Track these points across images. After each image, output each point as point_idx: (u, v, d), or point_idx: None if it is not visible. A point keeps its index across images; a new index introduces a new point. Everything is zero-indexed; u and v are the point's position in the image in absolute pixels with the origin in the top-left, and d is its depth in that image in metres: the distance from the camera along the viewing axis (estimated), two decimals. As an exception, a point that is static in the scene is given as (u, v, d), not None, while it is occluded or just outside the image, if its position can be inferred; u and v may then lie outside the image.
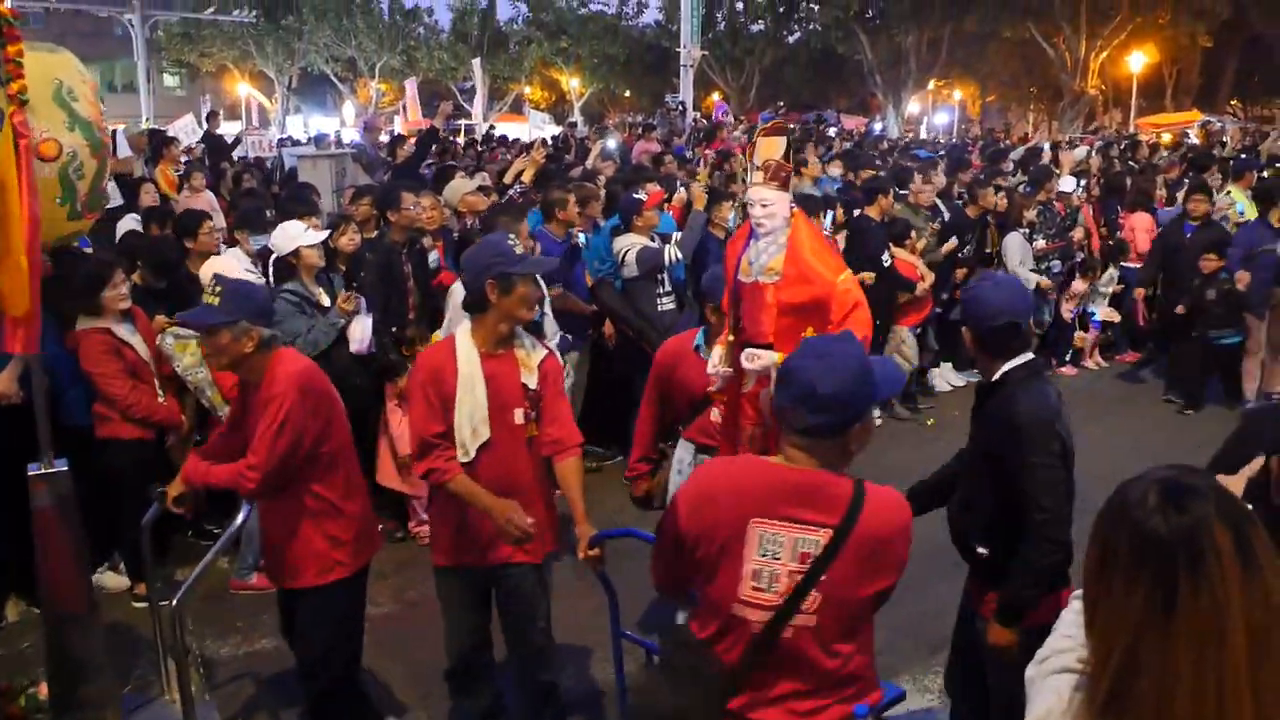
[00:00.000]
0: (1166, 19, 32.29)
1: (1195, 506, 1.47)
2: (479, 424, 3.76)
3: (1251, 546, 1.45)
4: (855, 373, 2.43)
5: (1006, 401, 3.39)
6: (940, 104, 43.25)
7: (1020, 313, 3.44)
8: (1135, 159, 15.43)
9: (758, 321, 4.27)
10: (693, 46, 22.47)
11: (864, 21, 34.23)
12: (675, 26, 26.43)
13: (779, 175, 4.26)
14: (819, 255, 4.23)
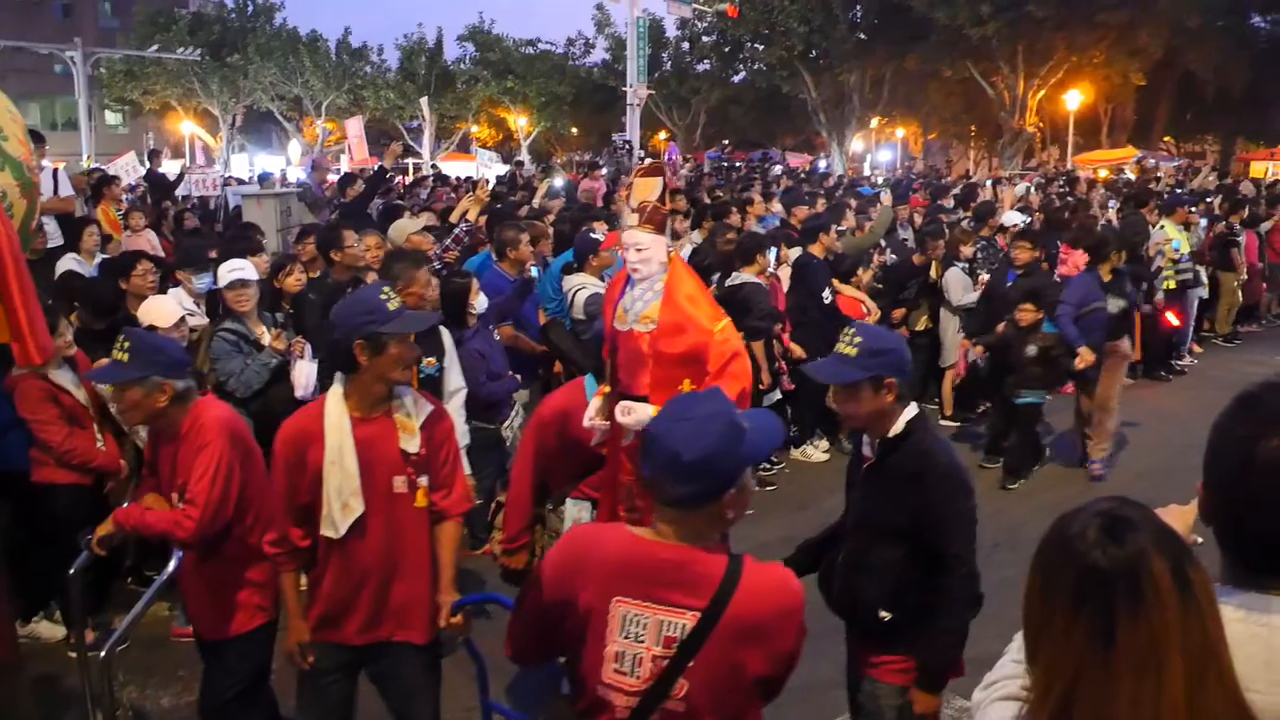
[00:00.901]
0: (1101, 59, 33.06)
1: (1133, 539, 1.49)
2: (350, 498, 3.42)
3: (1188, 578, 1.48)
4: (723, 435, 2.21)
5: (918, 451, 3.27)
6: (883, 141, 43.92)
7: (903, 369, 3.33)
8: (1074, 194, 15.71)
9: (633, 373, 4.09)
10: (639, 86, 22.62)
11: (808, 61, 34.73)
12: (622, 66, 26.69)
13: (655, 218, 4.11)
14: (696, 302, 4.04)
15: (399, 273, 5.33)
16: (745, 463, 2.29)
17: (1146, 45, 32.28)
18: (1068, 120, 34.61)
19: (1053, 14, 30.92)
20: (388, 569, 3.50)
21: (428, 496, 3.54)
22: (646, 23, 24.21)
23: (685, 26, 36.66)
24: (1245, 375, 9.78)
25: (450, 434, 3.70)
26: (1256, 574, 1.67)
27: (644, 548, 2.29)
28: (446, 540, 3.62)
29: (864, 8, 34.55)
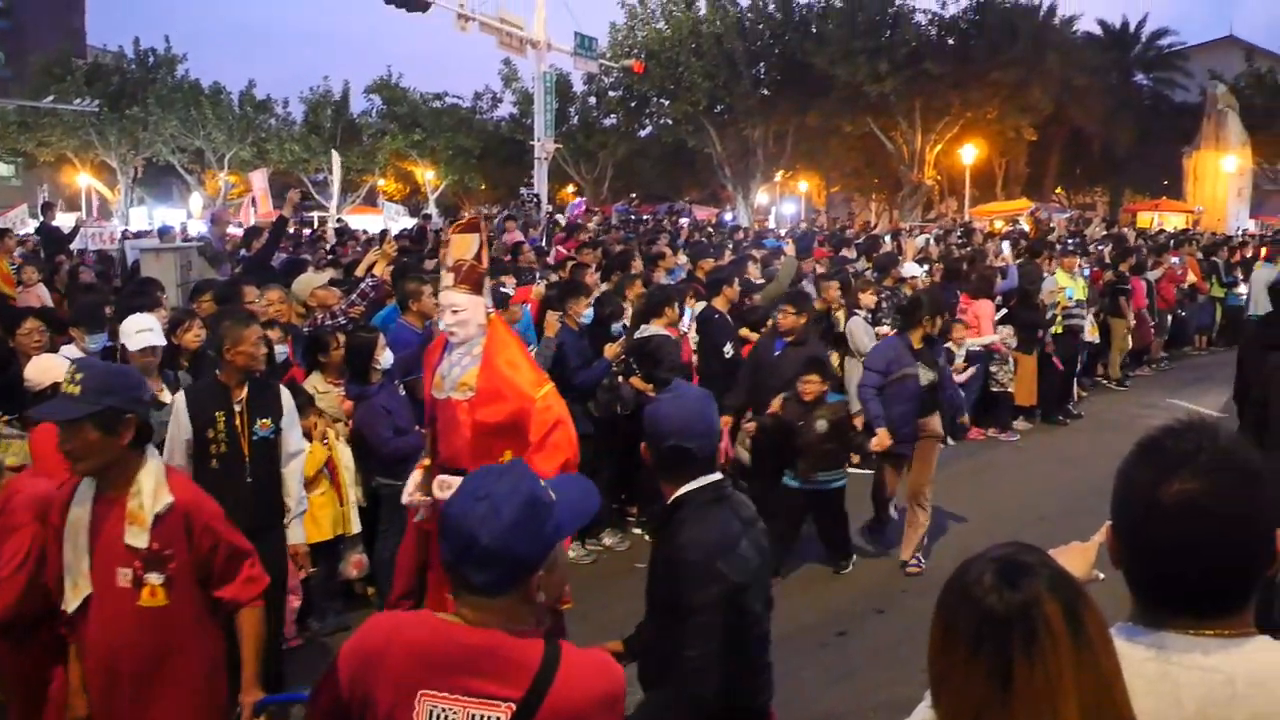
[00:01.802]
0: (995, 114, 34.18)
1: (1028, 584, 1.51)
2: (79, 578, 3.13)
3: (1081, 620, 1.50)
4: (525, 514, 2.03)
5: (674, 531, 3.00)
6: (787, 194, 44.69)
7: (694, 435, 3.02)
8: (971, 245, 16.16)
9: (452, 444, 3.85)
10: (546, 140, 22.77)
11: (713, 116, 35.29)
12: (529, 120, 26.77)
13: (471, 277, 3.85)
14: (517, 367, 3.81)
15: (226, 331, 5.02)
16: (552, 541, 2.12)
17: (1037, 102, 33.49)
18: (964, 173, 35.64)
19: (948, 72, 31.96)
20: (114, 666, 3.18)
21: (166, 596, 3.18)
22: (553, 78, 24.42)
23: (592, 81, 36.96)
24: (1137, 418, 10.18)
25: (213, 526, 3.30)
26: (1165, 614, 1.71)
27: (451, 635, 2.08)
28: (246, 627, 3.34)
29: (767, 65, 35.27)
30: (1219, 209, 35.05)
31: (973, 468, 10.48)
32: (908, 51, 32.08)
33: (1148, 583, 1.74)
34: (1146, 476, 1.69)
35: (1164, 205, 37.38)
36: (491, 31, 21.37)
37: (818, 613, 6.80)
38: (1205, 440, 1.69)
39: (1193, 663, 1.66)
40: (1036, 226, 23.13)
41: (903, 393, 7.21)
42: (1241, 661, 1.65)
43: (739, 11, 34.69)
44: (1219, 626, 1.68)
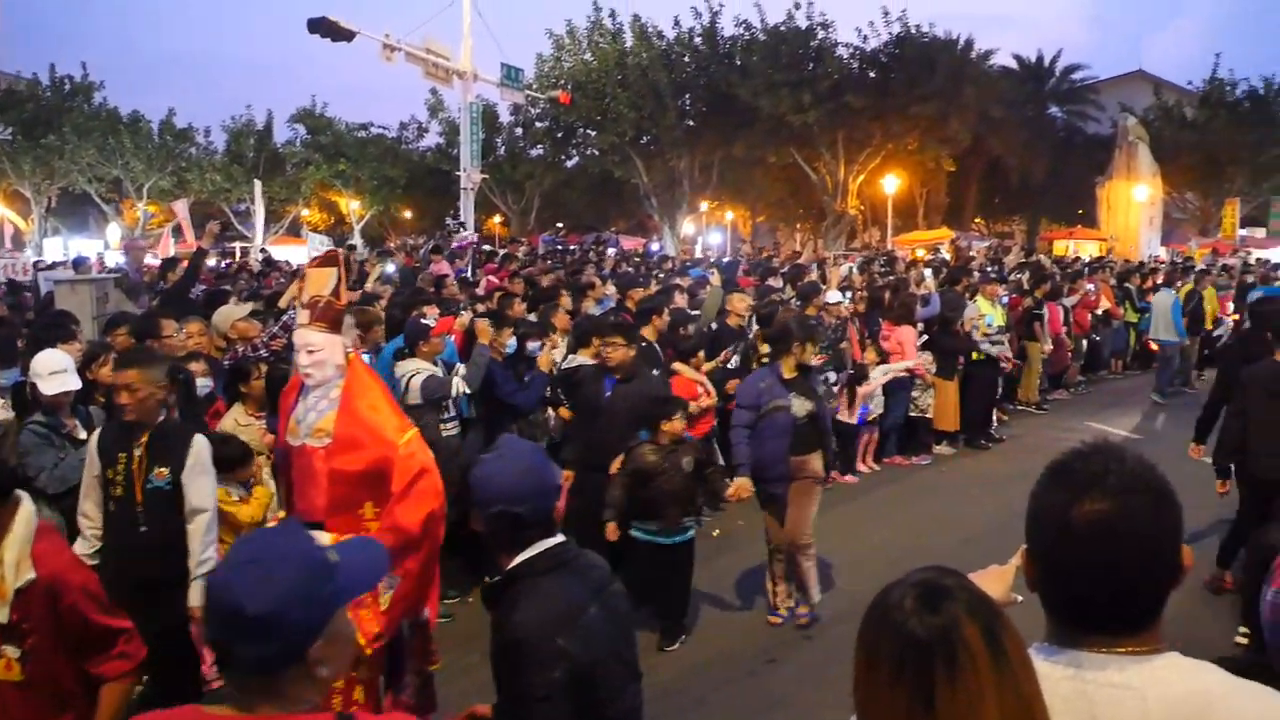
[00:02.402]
0: (915, 145, 34.84)
1: (947, 607, 1.53)
2: None
3: (1000, 641, 1.52)
4: (300, 578, 1.83)
5: (508, 608, 2.69)
6: (714, 224, 45.06)
7: (524, 497, 2.73)
8: (894, 273, 16.41)
9: (307, 495, 3.62)
10: (473, 170, 22.65)
11: (639, 147, 35.50)
12: (456, 150, 26.70)
13: (328, 315, 3.61)
14: (379, 411, 3.52)
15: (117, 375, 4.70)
16: (334, 605, 1.91)
17: (956, 133, 34.20)
18: (886, 203, 36.22)
19: (869, 104, 32.52)
20: None
21: (21, 670, 3.00)
22: (480, 108, 24.34)
23: (518, 112, 36.94)
24: (1057, 441, 10.34)
25: (79, 604, 3.09)
26: (1079, 633, 1.75)
27: None
28: (101, 706, 3.14)
29: (692, 96, 35.59)
30: (1131, 237, 36.06)
31: (896, 493, 10.62)
32: (830, 84, 32.58)
33: (1062, 603, 1.78)
34: (1058, 499, 1.73)
35: (1079, 233, 38.39)
36: (417, 62, 21.26)
37: (746, 641, 6.82)
38: (1113, 462, 1.74)
39: (1106, 680, 1.70)
40: (957, 254, 23.59)
41: (773, 427, 6.68)
42: (1152, 678, 1.69)
43: (664, 44, 35.00)
44: (1131, 644, 1.72)
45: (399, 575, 3.47)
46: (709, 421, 9.28)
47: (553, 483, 2.84)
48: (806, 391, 6.91)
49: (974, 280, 13.93)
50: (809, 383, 7.01)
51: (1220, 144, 39.73)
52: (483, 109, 25.99)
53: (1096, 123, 46.53)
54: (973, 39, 36.69)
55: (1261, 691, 1.70)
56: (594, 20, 34.75)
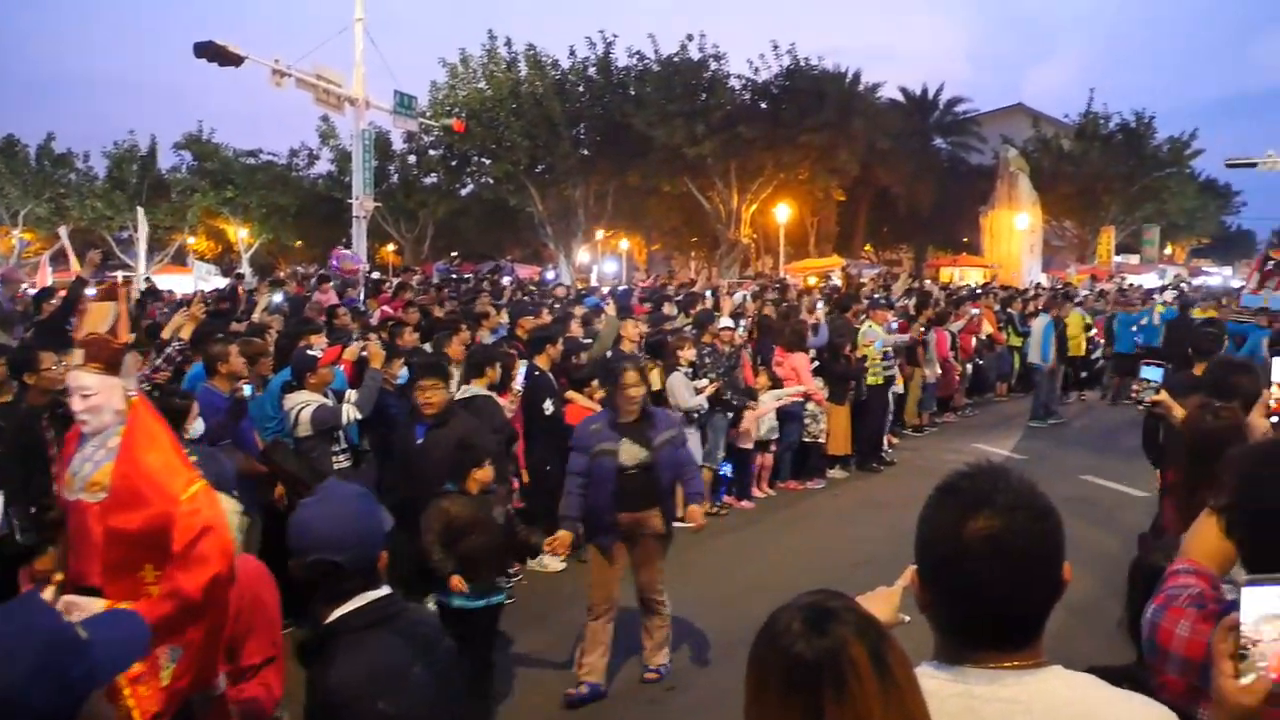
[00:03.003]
0: (806, 175, 35.44)
1: (834, 629, 1.55)
2: None
3: (886, 661, 1.55)
4: (43, 659, 1.66)
5: (324, 664, 2.50)
6: (609, 253, 45.21)
7: (344, 545, 2.52)
8: (785, 301, 16.63)
9: (83, 556, 3.23)
10: (365, 198, 22.32)
11: (534, 175, 35.46)
12: (348, 178, 26.29)
13: (104, 354, 3.29)
14: (163, 463, 3.14)
15: None
16: (84, 689, 1.74)
17: (845, 164, 34.89)
18: (779, 231, 36.77)
19: (761, 135, 33.02)
20: None
21: None
22: (372, 135, 24.04)
23: (412, 140, 36.63)
24: (945, 462, 10.59)
25: None
26: (967, 650, 1.79)
27: None
28: None
29: (587, 126, 35.72)
30: (1014, 264, 37.27)
31: (791, 517, 10.74)
32: (723, 115, 33.01)
33: (951, 620, 1.82)
34: (947, 518, 1.77)
35: (963, 261, 39.58)
36: (308, 88, 20.90)
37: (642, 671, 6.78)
38: (999, 482, 1.79)
39: (993, 695, 1.74)
40: (848, 282, 24.06)
41: (598, 474, 6.12)
42: (1037, 691, 1.74)
43: (559, 73, 35.09)
44: (1016, 659, 1.76)
45: (181, 646, 3.14)
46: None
47: (378, 530, 2.64)
48: (642, 439, 6.19)
49: (863, 307, 14.23)
50: (650, 429, 6.25)
51: (1095, 174, 41.49)
52: (375, 136, 25.73)
53: (979, 154, 48.10)
54: (860, 72, 37.73)
55: (1134, 697, 1.78)
56: (488, 49, 34.68)
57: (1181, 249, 58.13)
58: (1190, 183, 48.14)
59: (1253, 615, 1.80)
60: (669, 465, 6.30)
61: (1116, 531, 9.22)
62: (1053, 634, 1.80)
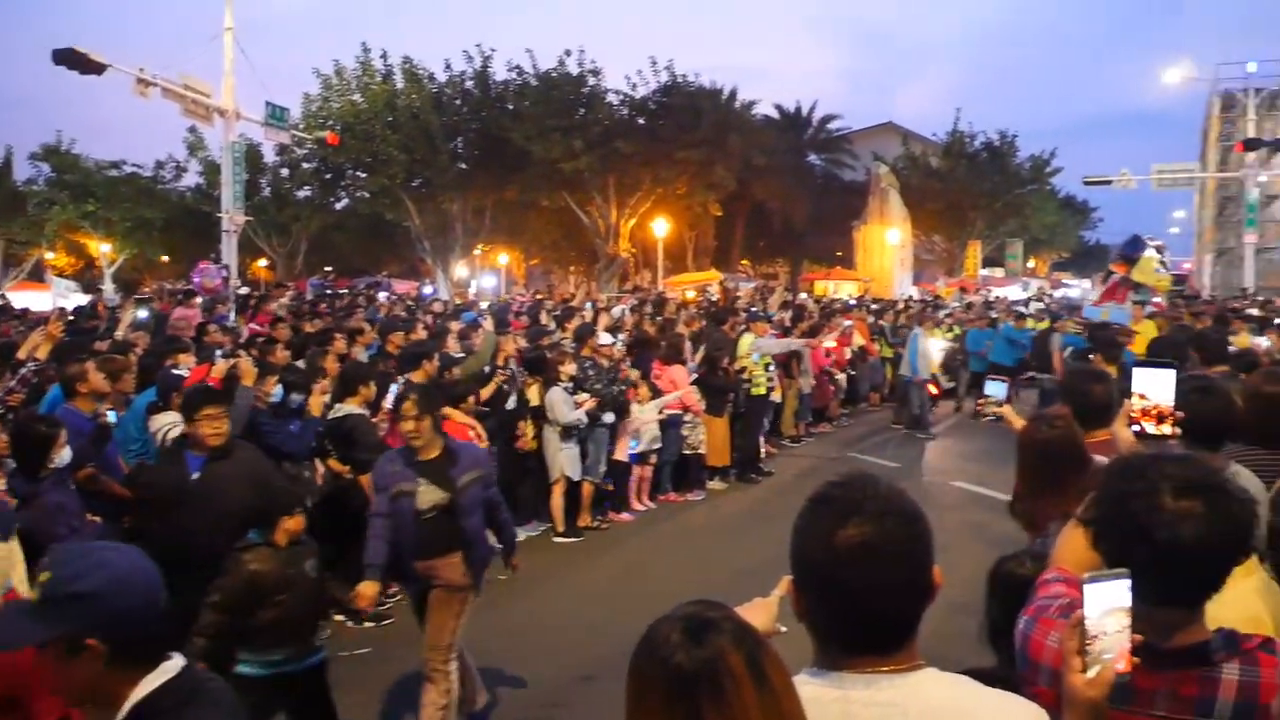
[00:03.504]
0: (684, 191, 35.81)
1: (712, 639, 1.58)
2: None
3: (763, 669, 1.57)
4: None
5: None
6: (487, 267, 44.93)
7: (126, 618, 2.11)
8: (663, 315, 16.76)
9: None
10: (235, 212, 21.77)
11: (411, 189, 35.01)
12: (217, 191, 25.58)
13: None
14: None
15: None
16: None
17: (722, 179, 35.39)
18: (657, 246, 37.05)
19: (639, 150, 33.25)
20: None
21: None
22: (243, 147, 23.43)
23: (284, 153, 35.83)
24: (821, 472, 10.79)
25: None
26: (843, 656, 1.82)
27: None
28: None
29: (465, 140, 35.46)
30: (886, 277, 38.26)
31: (672, 529, 10.80)
32: (601, 130, 33.15)
33: (827, 627, 1.85)
34: (821, 527, 1.80)
35: (837, 274, 40.46)
36: (175, 98, 20.30)
37: (527, 686, 6.73)
38: (869, 490, 1.83)
39: (870, 699, 1.77)
40: (725, 295, 24.36)
41: (398, 517, 5.51)
42: (912, 694, 1.78)
43: (436, 87, 34.76)
44: (892, 662, 1.80)
45: None
46: (484, 466, 9.18)
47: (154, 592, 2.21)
48: (443, 479, 5.57)
49: (740, 320, 14.42)
50: (451, 469, 5.60)
51: (962, 191, 42.99)
52: (246, 148, 25.09)
53: (852, 170, 49.39)
54: (736, 89, 38.31)
55: (1007, 697, 1.84)
56: (363, 61, 34.17)
57: (1043, 262, 60.51)
58: (1051, 199, 50.29)
59: (1096, 610, 1.90)
60: (474, 507, 5.67)
61: (986, 535, 9.60)
62: (927, 636, 1.84)
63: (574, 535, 10.32)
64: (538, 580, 9.06)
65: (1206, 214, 53.25)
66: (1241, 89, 43.11)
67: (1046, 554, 3.30)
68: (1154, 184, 40.45)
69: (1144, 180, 39.74)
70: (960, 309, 24.41)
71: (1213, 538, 1.92)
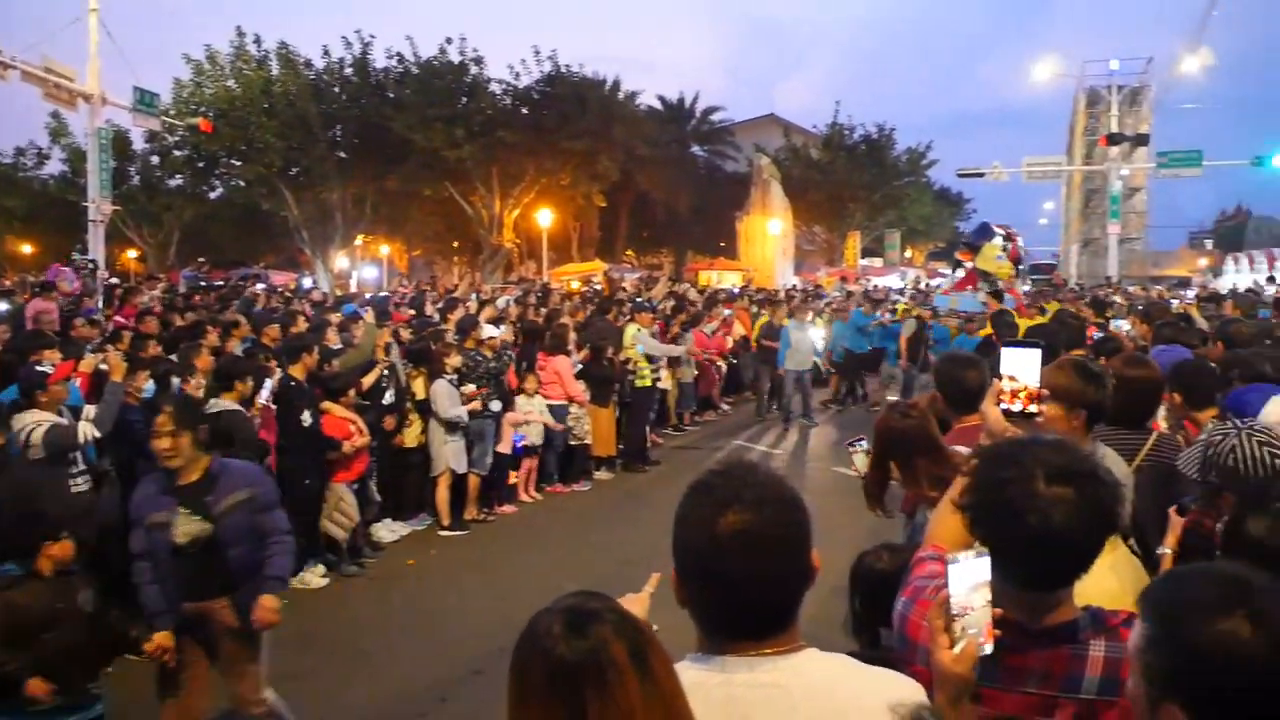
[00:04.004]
0: (567, 181, 35.72)
1: (594, 629, 1.59)
2: None
3: (646, 658, 1.59)
4: None
5: None
6: (369, 258, 44.17)
7: None
8: (547, 305, 16.73)
9: None
10: (102, 201, 20.98)
11: (288, 178, 34.16)
12: (83, 179, 24.60)
13: None
14: None
15: None
16: None
17: (605, 170, 35.42)
18: (542, 236, 36.94)
19: (522, 140, 33.06)
20: None
21: None
22: (110, 134, 22.59)
23: (154, 140, 34.59)
24: (706, 460, 10.91)
25: None
26: (727, 640, 1.84)
27: None
28: None
29: (344, 128, 34.73)
30: (768, 267, 38.82)
31: (559, 520, 10.80)
32: (483, 119, 32.84)
33: (709, 613, 1.88)
34: (701, 515, 1.82)
35: (720, 264, 40.94)
36: (36, 82, 19.46)
37: (415, 681, 6.67)
38: (748, 477, 1.86)
39: (753, 681, 1.80)
40: (610, 286, 24.42)
41: (155, 554, 4.75)
42: (794, 674, 1.82)
43: (313, 74, 33.97)
44: (773, 645, 1.84)
45: None
46: (364, 461, 9.07)
47: None
48: (200, 507, 4.76)
49: (624, 310, 14.48)
50: (209, 494, 4.80)
51: (842, 182, 43.87)
52: (113, 135, 24.20)
53: (734, 161, 49.99)
54: (620, 80, 38.36)
55: (885, 673, 1.91)
56: (237, 46, 33.17)
57: (920, 252, 62.08)
58: (926, 191, 51.72)
59: (962, 588, 1.96)
60: (239, 537, 4.83)
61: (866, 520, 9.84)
62: (810, 619, 1.88)
63: (460, 528, 10.24)
64: (423, 574, 8.97)
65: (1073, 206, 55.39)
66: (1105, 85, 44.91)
67: (904, 546, 3.43)
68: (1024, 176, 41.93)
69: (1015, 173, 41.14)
70: (841, 298, 24.87)
71: (1083, 522, 1.99)
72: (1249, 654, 1.55)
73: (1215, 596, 1.63)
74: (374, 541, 9.62)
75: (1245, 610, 1.58)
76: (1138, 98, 47.48)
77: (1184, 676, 1.61)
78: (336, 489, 8.76)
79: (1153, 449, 4.11)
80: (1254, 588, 1.62)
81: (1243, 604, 1.59)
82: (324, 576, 8.66)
